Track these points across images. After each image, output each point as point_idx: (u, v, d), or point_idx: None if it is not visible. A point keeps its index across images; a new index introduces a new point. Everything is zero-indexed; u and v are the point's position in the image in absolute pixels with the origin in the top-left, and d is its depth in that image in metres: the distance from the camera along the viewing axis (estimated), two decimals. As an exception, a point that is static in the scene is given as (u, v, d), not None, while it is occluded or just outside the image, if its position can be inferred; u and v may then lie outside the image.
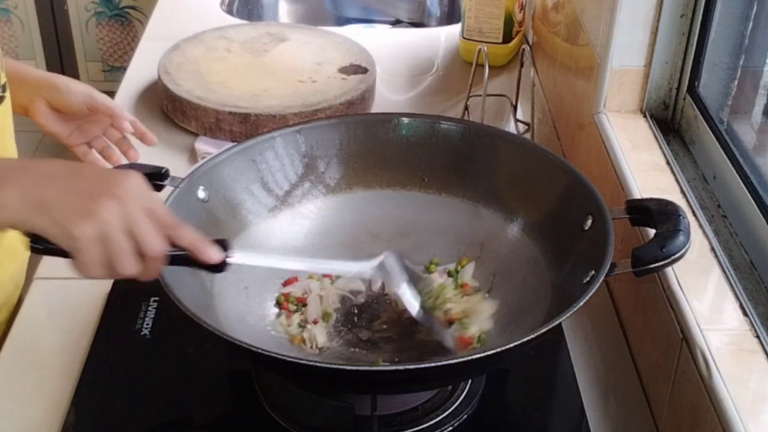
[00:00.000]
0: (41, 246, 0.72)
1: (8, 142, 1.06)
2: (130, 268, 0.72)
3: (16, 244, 1.08)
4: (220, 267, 0.78)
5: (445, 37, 1.70)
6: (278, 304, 0.96)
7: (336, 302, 0.96)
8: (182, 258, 0.76)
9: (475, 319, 0.93)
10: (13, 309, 1.10)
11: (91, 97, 1.09)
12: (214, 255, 0.76)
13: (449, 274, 0.99)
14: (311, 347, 0.91)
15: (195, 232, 0.77)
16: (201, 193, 0.94)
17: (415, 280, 0.92)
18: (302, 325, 0.93)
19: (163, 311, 1.02)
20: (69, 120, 1.12)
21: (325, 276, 0.98)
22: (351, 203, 1.05)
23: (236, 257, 0.79)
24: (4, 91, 1.03)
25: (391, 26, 1.96)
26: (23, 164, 0.74)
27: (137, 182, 0.74)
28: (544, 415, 0.95)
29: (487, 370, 0.90)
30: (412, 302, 0.90)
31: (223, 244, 0.78)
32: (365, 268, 0.91)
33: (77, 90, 1.09)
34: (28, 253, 1.12)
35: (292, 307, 0.95)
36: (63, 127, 1.11)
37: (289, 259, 0.94)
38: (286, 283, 0.98)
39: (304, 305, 0.95)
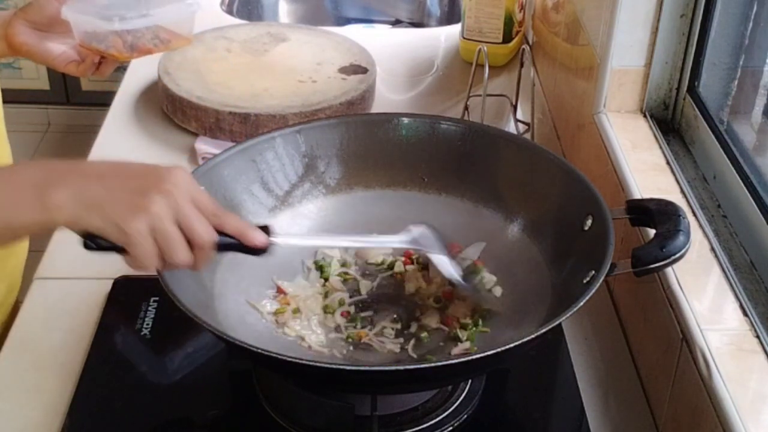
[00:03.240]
0: (95, 244, 0.74)
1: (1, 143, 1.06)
2: (182, 257, 0.74)
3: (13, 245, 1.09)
4: (264, 250, 0.81)
5: (445, 37, 1.70)
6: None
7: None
8: (230, 244, 0.79)
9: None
10: (9, 311, 1.10)
11: None
12: (259, 239, 0.79)
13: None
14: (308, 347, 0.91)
15: (239, 219, 0.80)
16: (201, 194, 0.94)
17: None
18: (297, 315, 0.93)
19: (163, 311, 1.02)
20: (51, 37, 1.04)
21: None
22: (351, 203, 1.05)
23: (279, 240, 0.82)
24: None
25: (391, 26, 1.96)
26: (72, 166, 0.76)
27: (182, 175, 0.76)
28: (544, 415, 0.95)
29: (487, 370, 0.90)
30: (451, 270, 0.93)
31: (266, 230, 0.81)
32: (401, 241, 0.93)
33: None
34: (25, 255, 1.13)
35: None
36: (51, 47, 1.05)
37: (327, 237, 1.00)
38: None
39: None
